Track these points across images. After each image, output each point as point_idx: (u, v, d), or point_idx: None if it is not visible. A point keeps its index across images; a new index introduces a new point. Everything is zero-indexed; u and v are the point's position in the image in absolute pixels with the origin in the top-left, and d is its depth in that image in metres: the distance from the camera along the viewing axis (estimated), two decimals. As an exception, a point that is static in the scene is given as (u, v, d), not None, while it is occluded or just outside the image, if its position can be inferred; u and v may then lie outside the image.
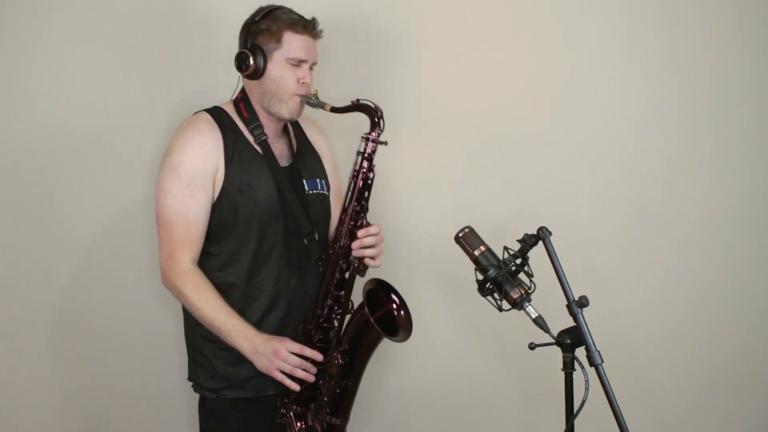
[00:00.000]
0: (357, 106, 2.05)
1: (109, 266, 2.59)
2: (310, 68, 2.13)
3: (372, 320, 1.96)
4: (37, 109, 2.53)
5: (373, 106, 2.03)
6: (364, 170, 2.03)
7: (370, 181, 2.05)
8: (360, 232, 2.03)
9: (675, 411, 2.77)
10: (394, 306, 2.07)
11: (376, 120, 2.03)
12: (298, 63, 2.09)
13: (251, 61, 2.07)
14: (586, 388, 1.73)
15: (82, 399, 2.63)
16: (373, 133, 2.03)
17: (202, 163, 2.04)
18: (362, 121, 2.05)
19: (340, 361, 2.01)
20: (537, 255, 1.84)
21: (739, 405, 2.79)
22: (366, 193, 2.05)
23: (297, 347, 2.01)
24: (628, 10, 2.69)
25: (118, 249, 2.59)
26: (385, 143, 2.05)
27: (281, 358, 1.99)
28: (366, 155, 2.03)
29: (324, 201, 2.25)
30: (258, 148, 2.13)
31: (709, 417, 2.78)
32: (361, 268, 2.05)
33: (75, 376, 2.62)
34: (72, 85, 2.53)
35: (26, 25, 2.50)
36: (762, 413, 2.80)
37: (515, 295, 1.83)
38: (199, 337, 2.13)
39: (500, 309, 1.87)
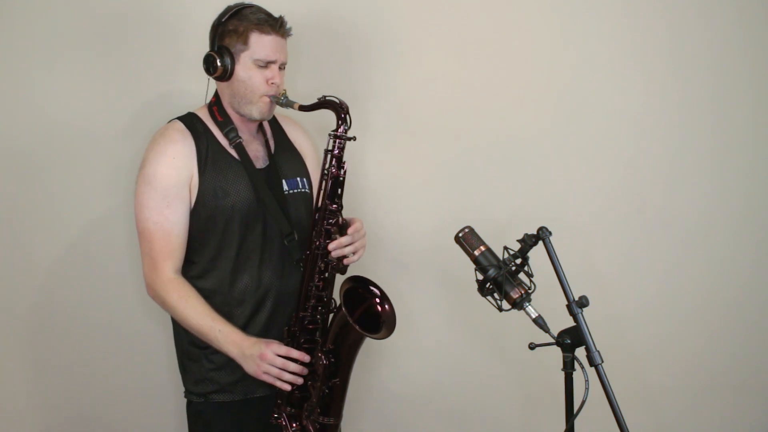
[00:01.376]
0: (323, 103, 2.04)
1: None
2: (281, 68, 2.10)
3: (351, 321, 1.94)
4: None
5: (338, 101, 2.03)
6: (334, 168, 2.03)
7: (341, 179, 2.04)
8: (335, 243, 2.02)
9: (675, 411, 2.77)
10: (377, 300, 2.05)
11: (343, 116, 2.02)
12: (267, 64, 2.07)
13: (219, 64, 2.05)
14: (586, 388, 1.73)
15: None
16: (339, 130, 2.03)
17: (176, 173, 2.03)
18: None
19: (325, 361, 2.01)
20: (537, 255, 1.83)
21: (739, 405, 2.79)
22: (339, 191, 2.04)
23: (284, 350, 2.01)
24: (629, 10, 2.68)
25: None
26: (353, 139, 2.04)
27: (267, 361, 1.99)
28: (334, 153, 2.03)
29: (306, 199, 2.23)
30: (233, 151, 2.11)
31: (709, 417, 2.78)
32: (341, 266, 2.05)
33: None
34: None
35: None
36: (762, 413, 2.80)
37: (515, 295, 1.83)
38: (187, 343, 2.13)
39: (500, 309, 1.86)
